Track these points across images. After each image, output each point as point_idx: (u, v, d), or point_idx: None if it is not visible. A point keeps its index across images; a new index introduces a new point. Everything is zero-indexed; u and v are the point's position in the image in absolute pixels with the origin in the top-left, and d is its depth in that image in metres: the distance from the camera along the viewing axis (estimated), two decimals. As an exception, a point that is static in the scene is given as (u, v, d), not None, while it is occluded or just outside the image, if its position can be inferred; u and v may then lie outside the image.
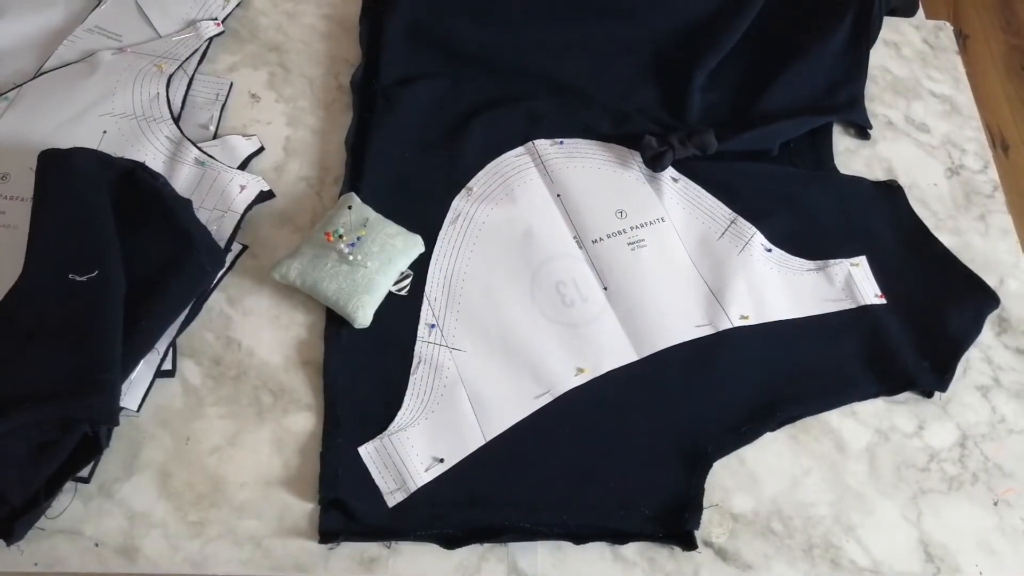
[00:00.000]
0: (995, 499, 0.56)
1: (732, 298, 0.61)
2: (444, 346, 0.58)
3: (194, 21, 0.72)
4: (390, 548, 0.51)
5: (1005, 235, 0.69)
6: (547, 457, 0.55)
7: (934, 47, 0.80)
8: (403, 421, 0.55)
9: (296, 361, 0.57)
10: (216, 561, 0.50)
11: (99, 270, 0.53)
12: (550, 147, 0.68)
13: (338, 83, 0.72)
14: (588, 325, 0.60)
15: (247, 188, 0.62)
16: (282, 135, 0.68)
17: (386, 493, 0.52)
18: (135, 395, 0.54)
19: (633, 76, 0.74)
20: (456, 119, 0.69)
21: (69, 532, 0.50)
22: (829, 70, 0.74)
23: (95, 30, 0.71)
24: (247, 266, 0.61)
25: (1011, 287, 0.65)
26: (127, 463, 0.53)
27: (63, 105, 0.65)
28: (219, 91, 0.70)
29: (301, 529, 0.52)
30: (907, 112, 0.75)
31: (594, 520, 0.53)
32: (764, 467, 0.56)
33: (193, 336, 0.58)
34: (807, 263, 0.64)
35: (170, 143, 0.64)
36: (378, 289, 0.58)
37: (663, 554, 0.52)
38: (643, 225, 0.64)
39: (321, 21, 0.76)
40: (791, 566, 0.53)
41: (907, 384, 0.59)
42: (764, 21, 0.76)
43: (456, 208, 0.64)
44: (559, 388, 0.57)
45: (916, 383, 0.59)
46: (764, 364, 0.59)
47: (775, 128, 0.69)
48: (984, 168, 0.72)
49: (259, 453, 0.54)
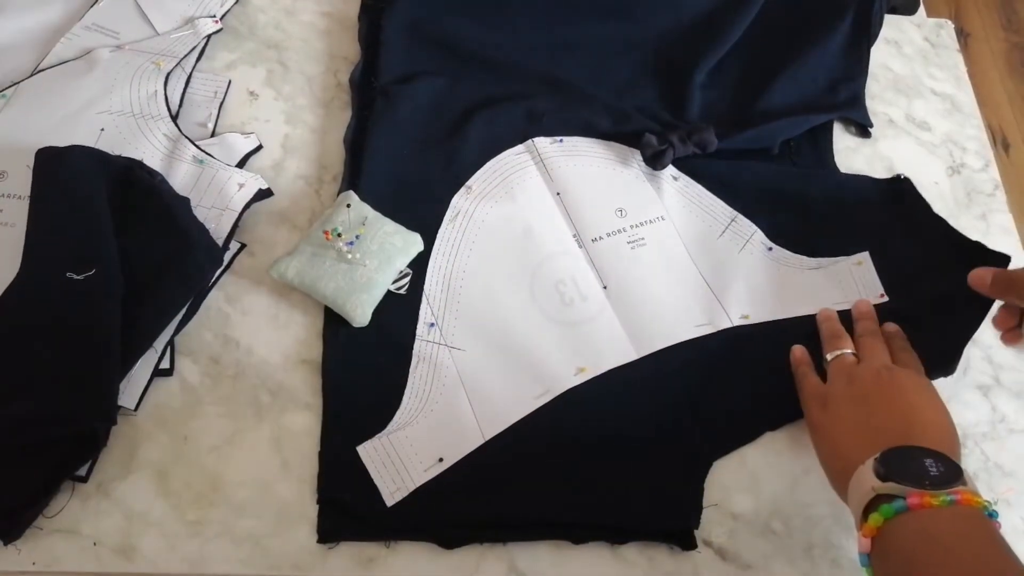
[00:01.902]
0: (995, 498, 0.56)
1: (732, 297, 0.61)
2: (443, 345, 0.58)
3: (192, 18, 0.72)
4: (389, 547, 0.51)
5: (1006, 234, 0.68)
6: (546, 456, 0.54)
7: (935, 45, 0.80)
8: (402, 420, 0.55)
9: (295, 360, 0.57)
10: (214, 560, 0.50)
11: (96, 268, 0.53)
12: (550, 145, 0.68)
13: (337, 81, 0.72)
14: (588, 324, 0.59)
15: (245, 186, 0.62)
16: (280, 133, 0.68)
17: (385, 492, 0.52)
18: (133, 394, 0.54)
19: (633, 74, 0.74)
20: (455, 117, 0.68)
21: (67, 531, 0.50)
22: (829, 68, 0.74)
23: (93, 27, 0.71)
24: (245, 264, 0.61)
25: (1012, 286, 0.65)
26: (125, 462, 0.53)
27: (61, 103, 0.65)
28: (217, 89, 0.69)
29: (300, 528, 0.51)
30: (908, 110, 0.75)
31: (594, 520, 0.52)
32: (764, 467, 0.56)
33: (191, 335, 0.58)
34: (808, 261, 0.64)
35: (168, 141, 0.64)
36: (377, 288, 0.58)
37: (663, 554, 0.52)
38: (643, 223, 0.64)
39: (320, 19, 0.76)
40: (791, 566, 0.53)
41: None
42: (764, 19, 0.76)
43: (455, 206, 0.64)
44: (559, 387, 0.57)
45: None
46: (764, 363, 0.59)
47: (775, 126, 0.69)
48: (985, 167, 0.72)
49: (257, 452, 0.54)
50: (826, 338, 0.58)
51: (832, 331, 0.58)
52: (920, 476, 0.44)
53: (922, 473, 0.45)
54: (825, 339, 0.58)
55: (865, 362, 0.55)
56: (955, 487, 0.44)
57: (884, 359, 0.55)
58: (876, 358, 0.55)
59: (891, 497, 0.44)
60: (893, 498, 0.44)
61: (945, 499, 0.43)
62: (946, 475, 0.44)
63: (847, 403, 0.52)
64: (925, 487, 0.44)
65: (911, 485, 0.44)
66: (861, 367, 0.54)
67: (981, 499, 0.44)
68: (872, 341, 0.56)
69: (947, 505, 0.43)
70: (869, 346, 0.56)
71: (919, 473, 0.45)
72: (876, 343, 0.56)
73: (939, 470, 0.45)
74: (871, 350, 0.55)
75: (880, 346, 0.56)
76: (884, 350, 0.56)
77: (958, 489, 0.43)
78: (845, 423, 0.51)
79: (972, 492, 0.44)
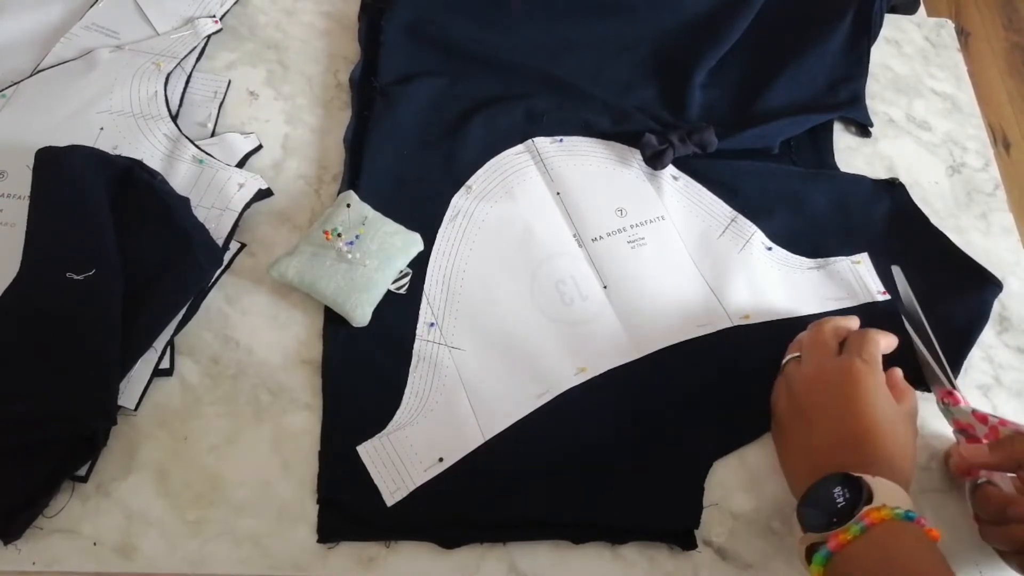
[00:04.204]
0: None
1: (732, 297, 0.61)
2: (443, 344, 0.58)
3: (192, 19, 0.72)
4: (389, 547, 0.51)
5: (1006, 233, 0.68)
6: (546, 456, 0.54)
7: (935, 45, 0.80)
8: (402, 420, 0.55)
9: (294, 360, 0.57)
10: (214, 560, 0.50)
11: (96, 268, 0.53)
12: (550, 145, 0.68)
13: (337, 81, 0.72)
14: (588, 324, 0.59)
15: (245, 186, 0.62)
16: (280, 133, 0.68)
17: (385, 492, 0.52)
18: (133, 394, 0.54)
19: (633, 73, 0.74)
20: (455, 117, 0.68)
21: (67, 531, 0.50)
22: (830, 68, 0.74)
23: (93, 28, 0.71)
24: (245, 264, 0.61)
25: (1012, 286, 0.65)
26: (125, 462, 0.53)
27: (60, 103, 0.65)
28: (217, 89, 0.69)
29: (300, 528, 0.51)
30: (908, 110, 0.75)
31: (594, 520, 0.52)
32: (764, 466, 0.56)
33: (191, 335, 0.58)
34: (808, 261, 0.64)
35: (168, 141, 0.64)
36: (377, 287, 0.58)
37: (663, 553, 0.52)
38: (643, 223, 0.64)
39: (320, 19, 0.76)
40: (791, 566, 0.52)
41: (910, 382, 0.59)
42: (764, 18, 0.76)
43: (455, 206, 0.64)
44: (559, 387, 0.56)
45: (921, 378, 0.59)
46: (764, 363, 0.59)
47: (776, 126, 0.69)
48: (985, 166, 0.72)
49: (257, 452, 0.54)
50: None
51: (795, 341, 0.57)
52: (830, 513, 0.45)
53: (831, 508, 0.45)
54: None
55: (803, 363, 0.54)
56: (860, 510, 0.44)
57: (820, 352, 0.53)
58: (813, 354, 0.53)
59: (818, 544, 0.45)
60: (820, 545, 0.45)
61: (856, 529, 0.43)
62: (852, 500, 0.45)
63: (790, 420, 0.53)
64: (835, 525, 0.44)
65: (823, 529, 0.45)
66: (799, 371, 0.53)
67: (889, 510, 0.44)
68: (813, 333, 0.55)
69: (861, 533, 0.43)
70: (811, 340, 0.54)
71: (829, 509, 0.45)
72: (816, 333, 0.54)
73: (845, 498, 0.45)
74: (810, 344, 0.54)
75: (822, 337, 0.54)
76: (825, 338, 0.54)
77: (864, 512, 0.44)
78: (791, 446, 0.53)
79: (878, 508, 0.44)
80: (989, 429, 0.53)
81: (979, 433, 0.53)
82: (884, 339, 0.54)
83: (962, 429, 0.55)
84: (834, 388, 0.51)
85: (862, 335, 0.54)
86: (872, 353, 0.52)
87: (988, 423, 0.53)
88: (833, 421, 0.50)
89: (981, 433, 0.53)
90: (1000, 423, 0.52)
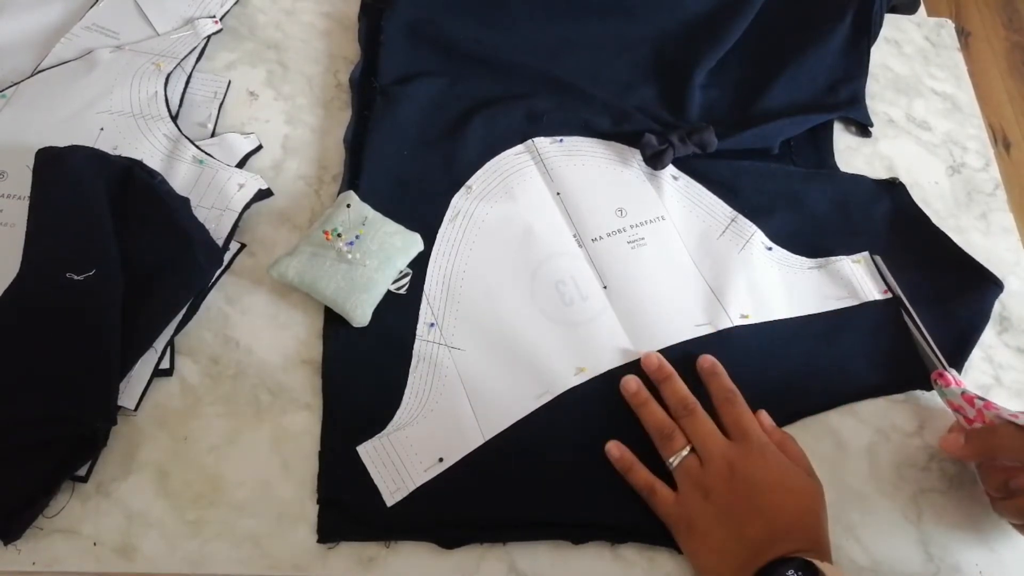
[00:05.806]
0: (996, 498, 0.56)
1: (732, 297, 0.61)
2: (443, 345, 0.58)
3: (192, 19, 0.72)
4: (389, 547, 0.51)
5: (1006, 233, 0.68)
6: (546, 456, 0.54)
7: (935, 44, 0.80)
8: (402, 420, 0.55)
9: (294, 360, 0.57)
10: (214, 560, 0.50)
11: (96, 269, 0.53)
12: (550, 145, 0.68)
13: (337, 81, 0.72)
14: (588, 324, 0.59)
15: (245, 186, 0.62)
16: (280, 133, 0.68)
17: (385, 492, 0.52)
18: (133, 394, 0.54)
19: (633, 74, 0.74)
20: (455, 117, 0.68)
21: (67, 531, 0.50)
22: (830, 68, 0.74)
23: (93, 28, 0.71)
24: (245, 265, 0.61)
25: (1012, 285, 0.65)
26: (125, 462, 0.53)
27: (60, 103, 0.65)
28: (217, 89, 0.69)
29: (299, 528, 0.51)
30: (908, 110, 0.75)
31: (594, 520, 0.52)
32: (764, 466, 0.56)
33: (191, 335, 0.58)
34: (808, 261, 0.64)
35: (168, 141, 0.64)
36: (377, 288, 0.58)
37: (663, 554, 0.52)
38: (643, 223, 0.64)
39: (320, 19, 0.76)
40: (791, 566, 0.53)
41: (911, 381, 0.59)
42: (764, 18, 0.76)
43: (455, 206, 0.64)
44: (559, 387, 0.56)
45: (921, 379, 0.59)
46: (764, 363, 0.59)
47: (775, 126, 0.69)
48: (985, 166, 0.72)
49: (257, 452, 0.54)
50: (655, 437, 0.54)
51: (658, 427, 0.54)
52: None
53: None
54: (655, 438, 0.54)
55: (707, 462, 0.51)
56: None
57: (719, 444, 0.52)
58: (714, 449, 0.52)
59: None
60: None
61: None
62: None
63: (712, 523, 0.50)
64: None
65: None
66: (708, 472, 0.51)
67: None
68: (694, 424, 0.53)
69: None
70: (699, 433, 0.53)
71: None
72: (699, 424, 0.53)
73: None
74: (702, 439, 0.52)
75: (707, 426, 0.53)
76: (710, 426, 0.53)
77: None
78: (714, 546, 0.49)
79: None
80: (976, 412, 0.53)
81: (969, 415, 0.54)
82: (744, 405, 0.54)
83: (956, 410, 0.55)
84: (754, 479, 0.50)
85: (738, 416, 0.53)
86: (758, 429, 0.53)
87: (975, 405, 0.53)
88: (767, 511, 0.49)
89: (971, 415, 0.54)
90: (985, 406, 0.53)
